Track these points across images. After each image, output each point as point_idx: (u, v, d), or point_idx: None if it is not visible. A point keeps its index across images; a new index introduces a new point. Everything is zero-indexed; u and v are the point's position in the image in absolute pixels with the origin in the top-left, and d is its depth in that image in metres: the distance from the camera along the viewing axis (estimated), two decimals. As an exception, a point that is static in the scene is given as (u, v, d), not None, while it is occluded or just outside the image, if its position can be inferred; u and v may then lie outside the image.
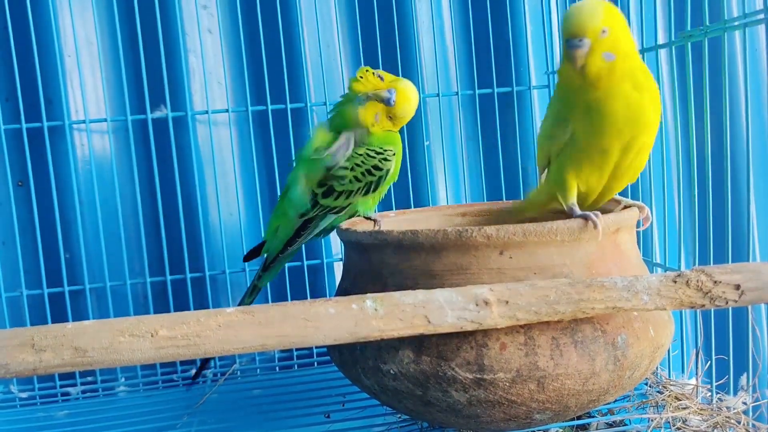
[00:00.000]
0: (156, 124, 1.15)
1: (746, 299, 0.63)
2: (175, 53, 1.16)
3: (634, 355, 0.68)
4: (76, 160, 1.15)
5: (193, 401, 1.03)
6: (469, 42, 1.23)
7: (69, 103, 1.14)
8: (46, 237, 1.14)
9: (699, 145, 0.87)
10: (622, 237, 0.73)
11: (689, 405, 0.85)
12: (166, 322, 0.60)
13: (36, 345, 0.58)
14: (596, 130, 0.70)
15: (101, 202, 1.14)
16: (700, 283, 0.63)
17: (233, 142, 1.19)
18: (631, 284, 0.63)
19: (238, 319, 0.60)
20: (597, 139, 0.71)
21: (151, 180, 1.16)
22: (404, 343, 0.67)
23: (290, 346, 0.61)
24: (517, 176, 1.24)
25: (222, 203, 1.18)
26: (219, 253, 1.19)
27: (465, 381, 0.66)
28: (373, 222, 0.92)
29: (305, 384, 1.08)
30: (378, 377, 0.71)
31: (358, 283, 0.76)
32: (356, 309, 0.62)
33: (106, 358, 0.58)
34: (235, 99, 1.20)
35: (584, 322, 0.66)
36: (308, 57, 1.19)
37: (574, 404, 0.68)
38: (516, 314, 0.63)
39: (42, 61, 1.12)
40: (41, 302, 1.13)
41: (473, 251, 0.68)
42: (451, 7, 1.23)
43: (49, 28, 1.11)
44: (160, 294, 1.18)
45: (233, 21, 1.18)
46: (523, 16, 1.23)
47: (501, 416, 0.68)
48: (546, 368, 0.65)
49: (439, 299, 0.63)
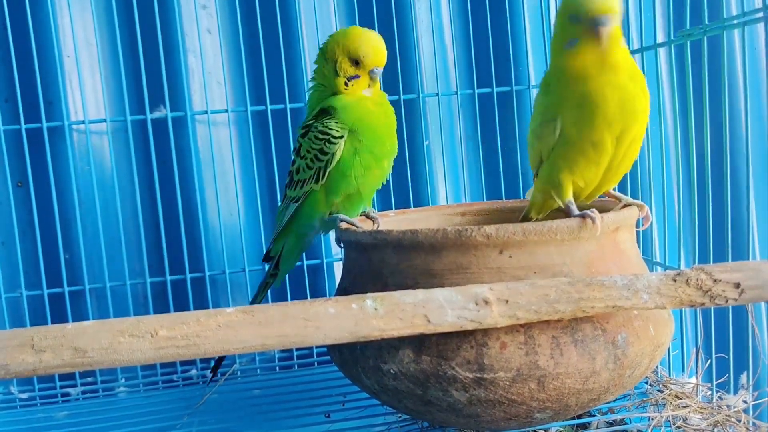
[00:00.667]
0: (155, 125, 1.15)
1: (746, 297, 0.63)
2: (174, 53, 1.16)
3: (635, 353, 0.68)
4: (75, 161, 1.15)
5: (193, 401, 1.03)
6: (468, 42, 1.23)
7: (68, 104, 1.14)
8: (46, 237, 1.14)
9: (698, 144, 0.87)
10: (622, 236, 0.73)
11: (689, 404, 0.85)
12: (166, 323, 0.60)
13: (36, 345, 0.58)
14: (589, 122, 0.69)
15: (101, 202, 1.14)
16: (700, 282, 0.63)
17: (233, 142, 1.19)
18: (631, 283, 0.63)
19: (238, 319, 0.60)
20: (590, 132, 0.70)
21: (150, 180, 1.16)
22: (404, 342, 0.67)
23: (290, 346, 0.61)
24: (516, 175, 1.24)
25: (221, 203, 1.18)
26: (219, 254, 1.18)
27: (465, 380, 0.66)
28: (372, 221, 0.91)
29: (305, 384, 1.08)
30: (378, 377, 0.71)
31: (358, 282, 0.76)
32: (356, 309, 0.62)
33: (105, 358, 0.58)
34: (234, 99, 1.20)
35: (584, 321, 0.66)
36: (307, 57, 1.19)
37: (575, 403, 0.68)
38: (516, 313, 0.63)
39: (41, 62, 1.12)
40: (41, 303, 1.13)
41: (473, 250, 0.68)
42: (450, 7, 1.23)
43: (49, 29, 1.11)
44: (160, 294, 1.18)
45: (233, 21, 1.18)
46: (522, 16, 1.23)
47: (501, 415, 0.68)
48: (546, 367, 0.65)
49: (439, 298, 0.63)
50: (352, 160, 0.83)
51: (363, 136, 0.83)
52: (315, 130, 0.85)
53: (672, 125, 1.21)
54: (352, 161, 0.83)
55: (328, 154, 0.83)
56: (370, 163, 0.84)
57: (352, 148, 0.83)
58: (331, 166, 0.83)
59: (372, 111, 0.85)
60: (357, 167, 0.83)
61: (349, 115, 0.84)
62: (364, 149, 0.83)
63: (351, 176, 0.84)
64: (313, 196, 0.87)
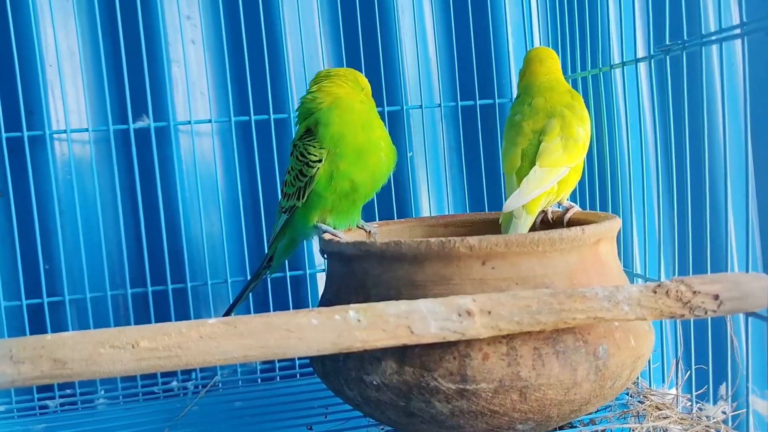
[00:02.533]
0: (138, 135, 1.14)
1: (725, 309, 0.64)
2: (158, 63, 1.16)
3: (616, 365, 0.68)
4: (56, 171, 1.14)
5: (174, 414, 1.02)
6: (451, 55, 1.24)
7: (50, 113, 1.13)
8: (26, 247, 1.13)
9: (678, 157, 0.88)
10: (603, 248, 0.74)
11: (670, 414, 0.85)
12: (147, 333, 0.59)
13: (14, 357, 0.57)
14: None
15: (82, 212, 1.13)
16: (680, 294, 0.63)
17: (216, 152, 1.18)
18: (612, 294, 0.64)
19: (220, 330, 0.60)
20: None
21: (132, 190, 1.16)
22: (387, 353, 0.67)
23: (273, 357, 0.61)
24: (499, 187, 1.25)
25: (204, 214, 1.17)
26: (201, 265, 1.18)
27: (448, 391, 0.66)
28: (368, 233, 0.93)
29: (287, 396, 1.08)
30: (361, 388, 0.70)
31: (341, 293, 0.76)
32: (339, 320, 0.62)
33: (85, 369, 0.58)
34: (218, 109, 1.20)
35: (566, 332, 0.66)
36: (292, 67, 1.19)
37: (556, 414, 0.68)
38: (498, 324, 0.63)
39: (23, 70, 1.11)
40: (19, 314, 1.11)
41: (456, 262, 0.68)
42: (434, 21, 1.24)
43: (31, 38, 1.10)
44: (141, 306, 1.17)
45: (217, 31, 1.18)
46: (504, 29, 1.24)
47: (483, 427, 0.68)
48: (528, 378, 0.65)
49: (422, 310, 0.63)
50: (327, 184, 0.84)
51: (341, 157, 0.84)
52: (297, 150, 0.87)
53: (652, 139, 1.22)
54: (327, 185, 0.84)
55: (306, 176, 0.85)
56: (345, 187, 0.85)
57: (329, 171, 0.84)
58: (310, 188, 0.85)
59: (356, 126, 0.86)
60: (332, 191, 0.85)
61: (328, 132, 0.85)
62: (341, 174, 0.84)
63: (327, 198, 0.85)
64: (298, 210, 0.89)
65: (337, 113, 0.86)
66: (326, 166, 0.84)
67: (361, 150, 0.85)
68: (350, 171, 0.84)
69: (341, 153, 0.84)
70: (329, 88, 0.89)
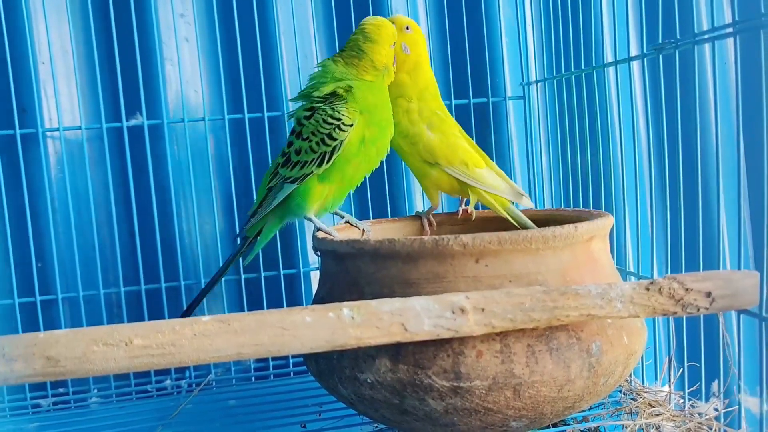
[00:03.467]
0: (131, 132, 1.14)
1: (717, 306, 0.64)
2: (151, 61, 1.15)
3: (609, 362, 0.68)
4: (49, 168, 1.14)
5: (168, 412, 1.01)
6: (445, 53, 1.24)
7: (43, 111, 1.13)
8: (18, 245, 1.12)
9: (671, 155, 0.89)
10: (596, 245, 0.74)
11: (662, 411, 0.86)
12: (141, 331, 0.59)
13: (6, 355, 0.57)
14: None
15: (75, 210, 1.13)
16: (672, 291, 0.64)
17: (209, 150, 1.18)
18: (605, 292, 0.64)
19: (214, 328, 0.60)
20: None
21: (126, 188, 1.15)
22: (381, 351, 0.67)
23: (267, 355, 0.61)
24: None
25: (198, 212, 1.17)
26: (194, 263, 1.18)
27: (442, 389, 0.66)
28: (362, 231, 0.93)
29: (281, 394, 1.08)
30: (355, 386, 0.70)
31: (335, 291, 0.76)
32: (333, 317, 0.62)
33: (79, 367, 0.58)
34: (211, 107, 1.20)
35: (559, 329, 0.67)
36: (286, 65, 1.19)
37: (550, 411, 0.68)
38: (492, 322, 0.63)
39: (16, 68, 1.10)
40: (12, 312, 1.11)
41: (450, 259, 0.68)
42: (428, 20, 1.24)
43: (24, 36, 1.10)
44: (135, 304, 1.17)
45: (210, 30, 1.18)
46: (498, 28, 1.25)
47: (477, 424, 0.68)
48: (522, 375, 0.65)
49: (416, 307, 0.63)
50: (357, 150, 0.85)
51: (372, 124, 0.86)
52: (324, 113, 0.85)
53: (645, 137, 1.23)
54: (357, 151, 0.85)
55: (336, 140, 0.83)
56: (372, 153, 0.87)
57: (361, 136, 0.85)
58: (338, 152, 0.84)
59: (384, 100, 0.89)
60: (361, 155, 0.86)
61: (362, 101, 0.86)
62: (370, 141, 0.86)
63: (352, 163, 0.86)
64: (309, 180, 0.86)
65: (378, 85, 0.89)
66: (358, 130, 0.84)
67: (387, 123, 0.88)
68: (377, 138, 0.86)
69: (372, 120, 0.86)
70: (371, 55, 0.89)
